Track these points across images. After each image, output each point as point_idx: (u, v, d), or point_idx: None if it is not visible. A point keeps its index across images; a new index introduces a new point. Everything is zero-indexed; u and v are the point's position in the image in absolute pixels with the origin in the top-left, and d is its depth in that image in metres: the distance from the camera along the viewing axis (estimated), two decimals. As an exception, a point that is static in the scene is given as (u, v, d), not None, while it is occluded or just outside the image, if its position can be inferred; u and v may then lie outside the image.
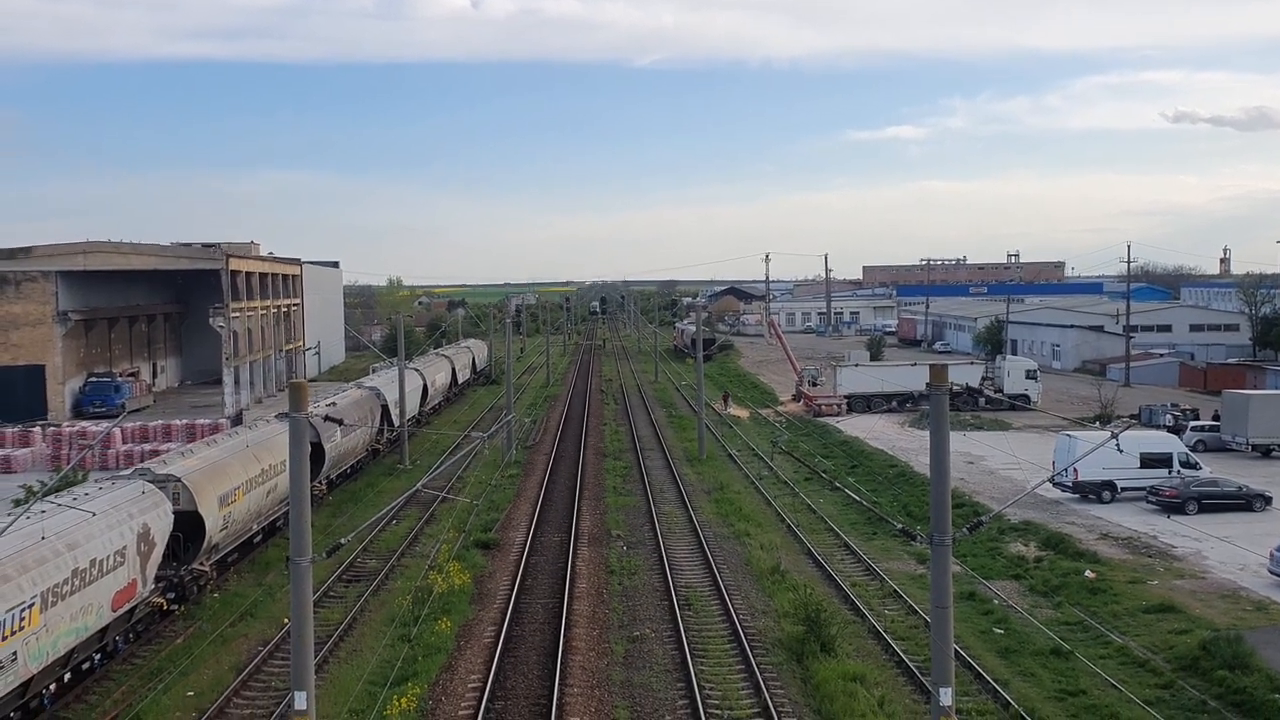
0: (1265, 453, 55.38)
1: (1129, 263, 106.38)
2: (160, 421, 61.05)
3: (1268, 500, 42.89)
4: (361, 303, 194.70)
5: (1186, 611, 30.11)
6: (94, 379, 74.03)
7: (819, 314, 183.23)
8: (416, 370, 69.36)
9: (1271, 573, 33.28)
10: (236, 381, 73.95)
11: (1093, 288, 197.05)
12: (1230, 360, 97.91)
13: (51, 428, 59.80)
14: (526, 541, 39.22)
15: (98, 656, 26.08)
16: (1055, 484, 45.16)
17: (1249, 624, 28.76)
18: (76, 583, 23.60)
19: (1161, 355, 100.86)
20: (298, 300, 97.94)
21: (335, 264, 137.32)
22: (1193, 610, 30.27)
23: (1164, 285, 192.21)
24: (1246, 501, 42.79)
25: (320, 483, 44.53)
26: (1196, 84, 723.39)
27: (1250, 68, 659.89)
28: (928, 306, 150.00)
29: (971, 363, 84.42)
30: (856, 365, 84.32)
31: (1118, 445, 35.23)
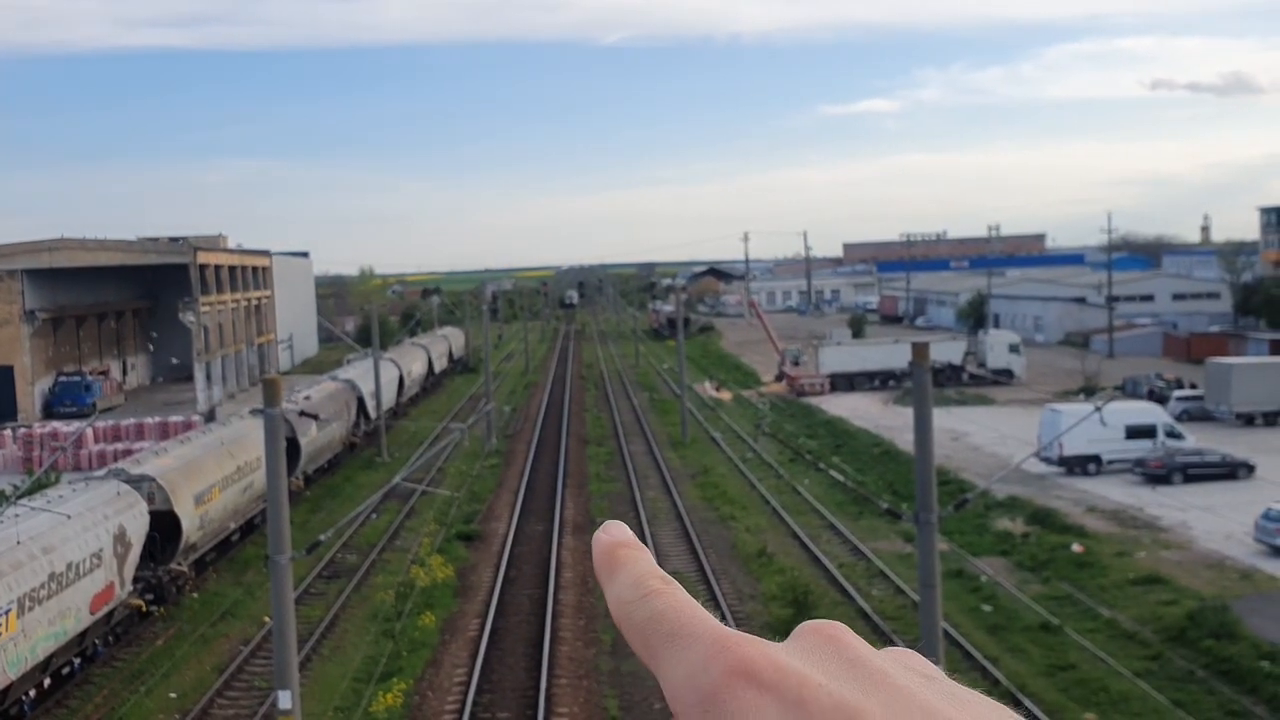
0: (1248, 421, 55.51)
1: (1109, 233, 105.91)
2: (132, 420, 60.18)
3: (1251, 469, 42.91)
4: (333, 293, 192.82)
5: (1173, 582, 30.09)
6: (64, 378, 72.95)
7: (800, 293, 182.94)
8: (392, 360, 68.75)
9: (1257, 541, 33.32)
10: (208, 377, 73.15)
11: (1074, 259, 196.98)
12: (1213, 329, 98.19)
13: (22, 429, 58.90)
14: (509, 532, 38.87)
15: (78, 661, 25.67)
16: (1041, 458, 45.09)
17: (1234, 593, 28.80)
18: (53, 586, 23.19)
19: (1144, 325, 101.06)
20: (268, 292, 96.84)
21: (305, 254, 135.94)
22: (1179, 581, 30.25)
23: (1145, 254, 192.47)
24: (1231, 470, 42.81)
25: (297, 478, 44.05)
26: (1172, 50, 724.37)
27: (1225, 32, 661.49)
28: (909, 283, 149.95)
29: (954, 338, 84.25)
30: (839, 344, 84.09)
31: (1101, 419, 35.17)
